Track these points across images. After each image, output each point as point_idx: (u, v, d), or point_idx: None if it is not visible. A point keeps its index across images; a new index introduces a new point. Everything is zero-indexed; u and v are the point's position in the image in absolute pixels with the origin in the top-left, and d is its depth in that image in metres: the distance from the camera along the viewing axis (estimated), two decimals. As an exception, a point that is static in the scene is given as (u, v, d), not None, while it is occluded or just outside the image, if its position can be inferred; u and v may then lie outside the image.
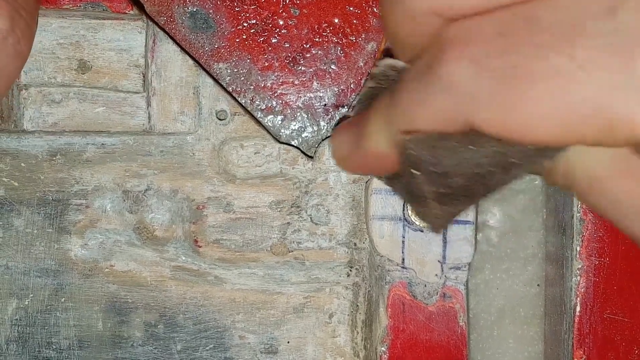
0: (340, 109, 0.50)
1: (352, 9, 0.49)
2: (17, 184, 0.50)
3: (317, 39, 0.49)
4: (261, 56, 0.49)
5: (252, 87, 0.49)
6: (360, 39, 0.49)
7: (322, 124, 0.50)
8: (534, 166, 0.23)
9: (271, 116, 0.50)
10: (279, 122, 0.50)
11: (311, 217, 0.51)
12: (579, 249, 0.49)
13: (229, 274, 0.51)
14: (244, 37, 0.49)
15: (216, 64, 0.49)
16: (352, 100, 0.50)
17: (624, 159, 0.23)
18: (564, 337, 0.51)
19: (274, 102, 0.50)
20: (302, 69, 0.50)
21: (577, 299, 0.49)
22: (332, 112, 0.50)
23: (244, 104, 0.50)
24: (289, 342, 0.51)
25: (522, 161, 0.23)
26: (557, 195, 0.54)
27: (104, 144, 0.50)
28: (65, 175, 0.50)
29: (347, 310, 0.51)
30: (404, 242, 0.50)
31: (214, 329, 0.51)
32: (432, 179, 0.24)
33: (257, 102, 0.50)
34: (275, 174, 0.51)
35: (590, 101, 0.19)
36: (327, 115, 0.50)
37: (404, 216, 0.50)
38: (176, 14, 0.48)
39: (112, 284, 0.51)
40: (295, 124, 0.50)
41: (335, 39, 0.49)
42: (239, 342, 0.51)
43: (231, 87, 0.49)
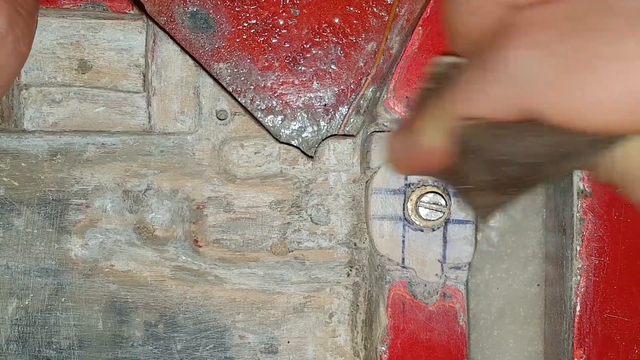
0: (340, 108, 0.50)
1: (352, 9, 0.49)
2: (17, 184, 0.50)
3: (317, 39, 0.49)
4: (261, 56, 0.49)
5: (253, 87, 0.50)
6: (360, 39, 0.49)
7: (322, 123, 0.50)
8: (590, 159, 0.23)
9: (271, 116, 0.50)
10: (279, 122, 0.50)
11: (311, 217, 0.51)
12: (579, 248, 0.49)
13: (229, 274, 0.51)
14: (244, 37, 0.49)
15: (216, 63, 0.49)
16: (352, 99, 0.50)
17: None
18: (564, 336, 0.51)
19: (274, 102, 0.50)
20: (302, 69, 0.50)
21: (577, 298, 0.49)
22: (332, 112, 0.50)
23: (244, 104, 0.50)
24: (289, 342, 0.51)
25: (579, 153, 0.23)
26: (557, 195, 0.54)
27: (104, 144, 0.50)
28: (65, 175, 0.50)
29: (347, 310, 0.51)
30: (404, 241, 0.50)
31: (214, 328, 0.51)
32: (488, 168, 0.24)
33: (257, 102, 0.50)
34: (275, 173, 0.51)
35: None
36: (327, 115, 0.50)
37: (404, 216, 0.50)
38: (176, 14, 0.48)
39: (112, 284, 0.51)
40: (295, 123, 0.50)
41: (335, 39, 0.49)
42: (239, 342, 0.51)
43: (231, 87, 0.49)
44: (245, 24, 0.49)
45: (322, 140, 0.50)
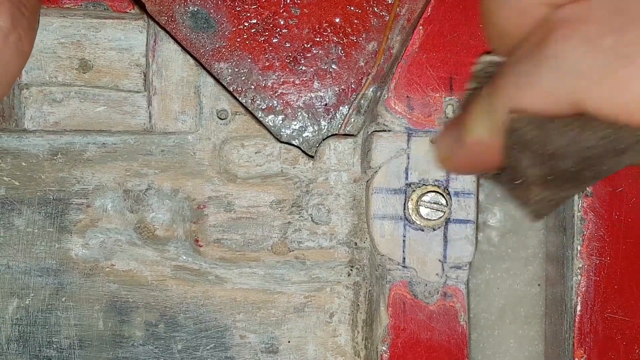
0: (340, 108, 0.50)
1: (353, 8, 0.49)
2: (18, 183, 0.50)
3: (318, 39, 0.49)
4: (262, 56, 0.49)
5: (253, 87, 0.50)
6: (361, 38, 0.49)
7: (323, 123, 0.50)
8: None
9: (272, 116, 0.50)
10: (280, 122, 0.50)
11: (312, 217, 0.51)
12: (579, 248, 0.49)
13: (229, 274, 0.51)
14: (245, 36, 0.49)
15: (217, 63, 0.49)
16: (353, 99, 0.50)
17: None
18: (565, 336, 0.51)
19: (275, 102, 0.50)
20: (303, 68, 0.50)
21: (577, 298, 0.49)
22: (333, 112, 0.50)
23: (244, 104, 0.50)
24: (289, 342, 0.51)
25: (631, 147, 0.22)
26: (557, 194, 0.54)
27: (104, 143, 0.50)
28: (66, 174, 0.50)
29: (348, 309, 0.51)
30: (404, 241, 0.50)
31: (214, 328, 0.51)
32: (539, 162, 0.24)
33: (258, 101, 0.50)
34: (276, 173, 0.51)
35: None
36: (328, 114, 0.50)
37: (405, 215, 0.50)
38: (177, 14, 0.48)
39: (113, 284, 0.51)
40: (296, 123, 0.50)
41: (336, 39, 0.49)
42: (240, 342, 0.51)
43: (232, 87, 0.49)
44: (246, 24, 0.49)
45: (323, 139, 0.50)
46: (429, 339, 0.50)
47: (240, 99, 0.50)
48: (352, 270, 0.51)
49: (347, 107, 0.50)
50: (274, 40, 0.49)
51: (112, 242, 0.51)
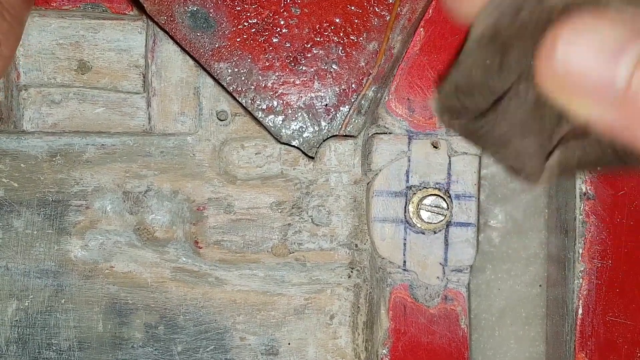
0: (341, 108, 0.50)
1: (353, 8, 0.49)
2: (16, 185, 0.50)
3: (318, 39, 0.49)
4: (262, 56, 0.49)
5: (253, 87, 0.49)
6: (361, 38, 0.49)
7: (323, 124, 0.50)
8: None
9: (272, 116, 0.50)
10: (280, 122, 0.50)
11: (312, 218, 0.51)
12: (581, 251, 0.49)
13: (229, 275, 0.51)
14: (245, 36, 0.49)
15: (217, 63, 0.49)
16: (353, 99, 0.49)
17: None
18: (566, 338, 0.50)
19: (275, 102, 0.49)
20: (303, 68, 0.49)
21: (579, 301, 0.49)
22: (334, 112, 0.50)
23: (244, 104, 0.49)
24: (289, 344, 0.51)
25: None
26: (559, 196, 0.54)
27: (104, 145, 0.50)
28: (65, 176, 0.50)
29: (348, 311, 0.51)
30: (405, 244, 0.49)
31: (214, 330, 0.51)
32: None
33: (257, 102, 0.49)
34: (276, 174, 0.50)
35: None
36: (329, 115, 0.50)
37: (406, 218, 0.49)
38: (176, 13, 0.48)
39: (113, 285, 0.51)
40: (296, 124, 0.50)
41: (336, 39, 0.49)
42: (240, 344, 0.51)
43: (232, 87, 0.49)
44: (245, 23, 0.49)
45: (323, 140, 0.50)
46: (429, 342, 0.50)
47: (239, 100, 0.49)
48: (352, 272, 0.51)
49: (347, 107, 0.50)
50: (274, 40, 0.49)
51: (111, 244, 0.51)
